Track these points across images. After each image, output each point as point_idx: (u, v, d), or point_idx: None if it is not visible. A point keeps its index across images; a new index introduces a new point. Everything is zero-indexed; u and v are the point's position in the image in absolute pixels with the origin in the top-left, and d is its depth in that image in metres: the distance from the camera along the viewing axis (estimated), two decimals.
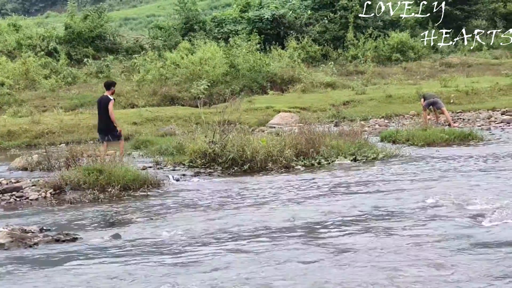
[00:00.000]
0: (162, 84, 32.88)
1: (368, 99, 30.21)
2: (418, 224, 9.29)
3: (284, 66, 36.40)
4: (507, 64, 41.31)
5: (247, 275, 7.27)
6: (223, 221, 10.05)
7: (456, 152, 17.00)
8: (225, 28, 46.59)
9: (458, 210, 10.03)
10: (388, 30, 46.15)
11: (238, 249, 8.43)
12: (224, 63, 34.54)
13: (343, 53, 43.95)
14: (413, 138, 19.03)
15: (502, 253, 7.71)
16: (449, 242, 8.26)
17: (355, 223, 9.54)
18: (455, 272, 7.11)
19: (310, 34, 44.99)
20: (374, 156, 16.26)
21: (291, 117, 25.90)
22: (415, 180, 13.05)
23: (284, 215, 10.27)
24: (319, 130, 17.16)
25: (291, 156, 15.41)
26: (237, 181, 13.87)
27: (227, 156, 14.98)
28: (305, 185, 12.97)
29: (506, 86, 31.93)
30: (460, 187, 12.00)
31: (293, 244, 8.49)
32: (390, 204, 10.76)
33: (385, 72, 39.54)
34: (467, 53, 45.18)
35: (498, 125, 23.68)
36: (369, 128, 23.41)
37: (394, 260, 7.59)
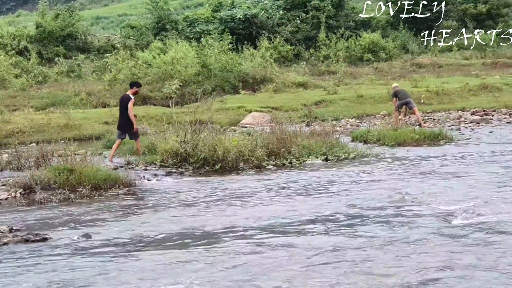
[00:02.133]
0: None
1: (339, 99, 30.33)
2: (384, 224, 9.36)
3: (256, 66, 36.42)
4: (477, 65, 41.71)
5: (217, 273, 7.30)
6: (194, 220, 10.06)
7: (426, 152, 17.12)
8: (197, 27, 46.57)
9: (426, 210, 10.12)
10: (359, 31, 46.37)
11: (206, 248, 8.43)
12: (196, 63, 34.51)
13: (315, 53, 44.09)
14: (384, 138, 19.14)
15: (472, 251, 7.79)
16: (413, 242, 8.33)
17: (318, 223, 9.60)
18: (420, 272, 7.17)
19: (282, 34, 45.09)
20: (345, 156, 16.33)
21: (262, 117, 25.93)
22: (385, 180, 13.14)
23: (251, 215, 10.30)
24: (290, 130, 17.20)
25: (262, 156, 15.44)
26: (208, 180, 13.89)
27: (198, 155, 14.98)
28: (274, 185, 12.99)
29: (476, 86, 32.21)
30: (429, 187, 12.10)
31: (253, 245, 8.53)
32: (357, 203, 10.82)
33: (357, 72, 39.74)
34: (437, 53, 45.51)
35: (467, 125, 23.88)
36: (341, 128, 23.49)
37: (355, 260, 7.64)
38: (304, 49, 44.69)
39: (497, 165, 14.47)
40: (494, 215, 9.51)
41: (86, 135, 23.10)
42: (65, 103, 30.27)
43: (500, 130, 21.90)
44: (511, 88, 32.32)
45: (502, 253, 7.69)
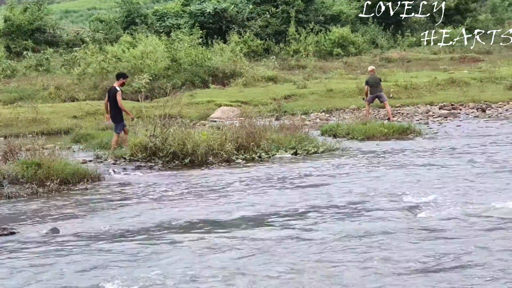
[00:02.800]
0: (103, 78, 32.52)
1: (309, 93, 30.38)
2: (351, 217, 9.44)
3: (226, 60, 36.36)
4: (445, 60, 42.01)
5: (186, 266, 7.32)
6: (163, 214, 10.08)
7: (394, 146, 17.25)
8: (167, 22, 46.41)
9: (394, 203, 10.20)
10: (329, 25, 46.49)
11: (176, 241, 8.45)
12: (166, 57, 34.36)
13: (285, 47, 44.15)
14: (353, 132, 19.24)
15: (436, 244, 7.87)
16: (381, 235, 8.40)
17: (286, 216, 9.65)
18: (385, 265, 7.23)
19: (252, 29, 45.09)
20: (315, 150, 16.40)
21: (232, 111, 25.93)
22: (353, 173, 13.23)
23: (218, 208, 10.33)
24: (260, 124, 17.23)
25: (231, 150, 15.45)
26: (177, 174, 13.89)
27: (168, 149, 14.97)
28: (244, 179, 13.03)
29: (444, 81, 32.44)
30: (397, 180, 12.21)
31: (219, 238, 8.57)
32: (325, 197, 10.90)
33: (326, 67, 39.81)
34: (406, 48, 45.77)
35: (435, 119, 24.07)
36: (310, 122, 23.57)
37: (318, 252, 7.69)
38: (274, 44, 44.72)
39: (464, 159, 14.61)
40: (461, 208, 9.61)
41: (54, 129, 22.89)
42: (34, 97, 30.01)
43: (467, 124, 22.09)
44: (478, 82, 32.58)
45: (468, 246, 7.77)
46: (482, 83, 32.36)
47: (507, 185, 11.38)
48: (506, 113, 24.75)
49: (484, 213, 9.29)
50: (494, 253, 7.44)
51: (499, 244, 7.80)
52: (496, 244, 7.78)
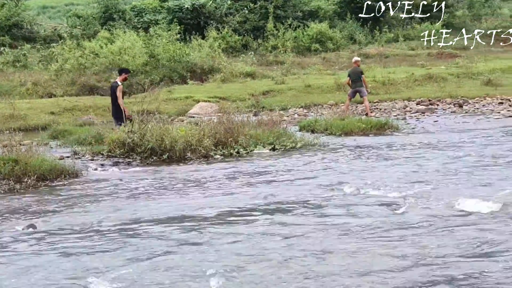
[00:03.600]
0: (81, 74, 32.44)
1: (287, 89, 30.43)
2: (329, 212, 9.48)
3: (204, 56, 36.35)
4: (422, 55, 42.23)
5: (165, 262, 7.33)
6: (140, 209, 10.07)
7: (372, 141, 17.32)
8: (145, 17, 46.31)
9: (372, 198, 10.26)
10: (307, 21, 46.56)
11: (155, 236, 8.46)
12: (144, 53, 34.30)
13: (263, 43, 44.17)
14: (331, 127, 19.29)
15: (415, 239, 7.92)
16: (359, 230, 8.44)
17: (264, 211, 9.66)
18: (362, 261, 7.28)
19: (230, 24, 45.08)
20: (293, 145, 16.44)
21: (210, 107, 25.92)
22: (332, 168, 13.29)
23: (196, 204, 10.34)
24: (238, 120, 17.24)
25: (210, 145, 15.45)
26: (155, 170, 13.88)
27: (146, 145, 14.95)
28: (222, 175, 13.05)
29: (421, 76, 32.62)
30: (375, 175, 12.26)
31: (197, 234, 8.58)
32: (303, 192, 10.93)
33: (305, 62, 39.90)
34: (384, 44, 45.94)
35: (413, 114, 24.19)
36: (288, 118, 23.61)
37: (292, 248, 7.73)
38: (252, 39, 44.74)
39: (442, 154, 14.70)
40: (438, 203, 9.67)
41: (32, 126, 22.77)
42: (11, 93, 29.83)
43: (444, 120, 22.21)
44: (455, 78, 32.78)
45: (445, 240, 7.83)
46: (459, 79, 32.56)
47: (483, 180, 11.46)
48: (483, 109, 24.89)
49: (460, 207, 9.36)
50: (469, 248, 7.51)
51: (473, 238, 7.87)
52: (471, 239, 7.84)
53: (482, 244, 7.64)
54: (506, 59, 39.69)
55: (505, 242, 7.63)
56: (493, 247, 7.52)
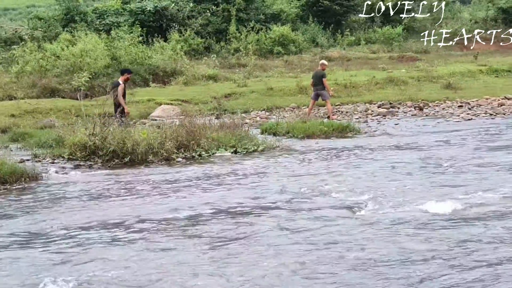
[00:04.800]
0: (42, 76, 32.16)
1: (249, 92, 30.46)
2: (289, 215, 9.53)
3: (166, 59, 36.24)
4: (384, 58, 42.55)
5: (124, 265, 7.33)
6: (101, 213, 10.04)
7: (334, 144, 17.44)
8: (107, 19, 45.94)
9: (332, 201, 10.34)
10: (270, 24, 46.66)
11: (114, 240, 8.45)
12: (105, 55, 34.12)
13: (226, 46, 44.15)
14: (293, 130, 19.39)
15: (376, 241, 8.01)
16: (320, 233, 8.51)
17: (224, 214, 9.70)
18: (323, 263, 7.34)
19: (192, 27, 44.95)
20: (255, 148, 16.50)
21: (172, 109, 25.87)
22: (293, 171, 13.35)
23: (155, 207, 10.34)
24: (200, 123, 17.27)
25: (172, 148, 15.46)
26: (116, 173, 13.85)
27: (107, 148, 14.91)
28: (183, 177, 13.06)
29: (383, 79, 32.86)
30: (336, 178, 12.36)
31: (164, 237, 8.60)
32: (263, 195, 10.99)
33: (267, 65, 39.95)
34: (346, 47, 46.20)
35: (374, 117, 24.40)
36: (250, 121, 23.66)
37: (252, 252, 7.77)
38: (214, 42, 44.70)
39: (402, 157, 14.87)
40: (399, 205, 9.78)
41: None
42: None
43: (405, 123, 22.44)
44: (416, 81, 33.08)
45: (406, 243, 7.92)
46: (420, 82, 32.89)
47: (442, 182, 11.62)
48: (443, 112, 25.19)
49: (421, 210, 9.47)
50: (429, 250, 7.60)
51: (433, 240, 7.97)
52: (430, 241, 7.95)
53: (436, 247, 7.76)
54: (466, 62, 40.14)
55: (461, 245, 7.74)
56: (448, 251, 7.63)
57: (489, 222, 8.78)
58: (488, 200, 9.97)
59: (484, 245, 7.75)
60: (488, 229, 8.40)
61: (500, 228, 8.48)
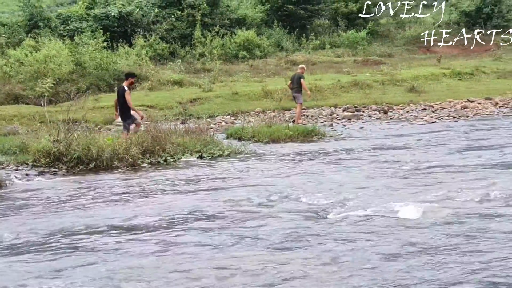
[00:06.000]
0: (5, 82, 31.93)
1: (214, 97, 30.49)
2: (254, 220, 9.54)
3: (131, 64, 36.13)
4: (348, 62, 42.80)
5: (87, 273, 7.31)
6: (64, 220, 9.98)
7: (299, 148, 17.51)
8: (71, 25, 45.67)
9: (299, 205, 10.37)
10: (234, 29, 46.72)
11: (79, 247, 8.41)
12: (70, 61, 33.96)
13: (191, 51, 44.10)
14: (259, 135, 19.44)
15: (343, 247, 8.04)
16: (288, 237, 8.54)
17: (189, 221, 9.66)
18: (293, 267, 7.36)
19: (157, 32, 44.87)
20: (220, 153, 16.53)
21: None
22: (257, 176, 13.38)
23: (118, 214, 10.30)
24: (165, 128, 17.27)
25: (137, 154, 15.43)
26: (81, 179, 13.77)
27: (72, 155, 14.83)
28: (147, 184, 13.02)
29: (347, 83, 33.10)
30: (302, 182, 12.40)
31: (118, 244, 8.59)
32: (228, 200, 10.97)
33: (232, 70, 40.00)
34: (311, 51, 46.38)
35: (339, 121, 24.58)
36: (216, 126, 23.69)
37: (220, 258, 7.78)
38: (179, 47, 44.62)
39: (367, 160, 14.96)
40: (364, 209, 9.82)
41: None
42: None
43: (370, 126, 22.61)
44: (380, 85, 33.38)
45: (372, 247, 7.97)
46: (384, 86, 33.20)
47: (408, 185, 11.70)
48: (407, 115, 25.43)
49: (387, 214, 9.53)
50: (396, 254, 7.66)
51: (400, 245, 8.03)
52: (397, 245, 8.01)
53: (400, 251, 7.82)
54: (429, 66, 40.54)
55: (427, 250, 7.80)
56: (413, 254, 7.69)
57: (449, 225, 8.85)
58: (450, 203, 10.05)
59: (446, 248, 7.82)
60: (450, 232, 8.48)
61: (464, 230, 8.56)
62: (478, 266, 7.05)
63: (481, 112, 25.38)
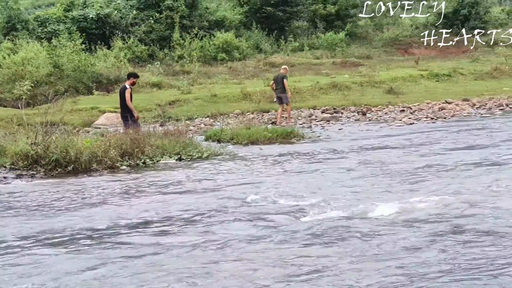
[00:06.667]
0: None
1: (193, 99, 30.49)
2: (232, 221, 9.55)
3: (109, 66, 36.10)
4: (327, 64, 42.94)
5: (64, 277, 7.30)
6: (42, 223, 9.94)
7: (278, 150, 17.52)
8: (49, 27, 45.53)
9: (275, 206, 10.38)
10: (213, 31, 46.73)
11: (54, 252, 8.38)
12: (48, 63, 33.85)
13: (170, 53, 44.08)
14: (237, 136, 19.44)
15: (319, 248, 8.07)
16: (264, 239, 8.56)
17: (164, 224, 9.64)
18: (267, 270, 7.38)
19: (136, 34, 44.83)
20: (199, 155, 16.50)
21: (116, 117, 25.69)
22: (235, 178, 13.39)
23: (100, 216, 10.27)
24: (144, 130, 17.25)
25: (116, 156, 15.37)
26: (58, 182, 13.69)
27: (50, 157, 14.75)
28: (126, 186, 13.00)
29: (326, 85, 33.22)
30: (279, 184, 12.42)
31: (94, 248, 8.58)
32: (207, 202, 10.97)
33: (211, 72, 40.05)
34: (289, 53, 46.49)
35: (318, 123, 24.65)
36: (195, 128, 23.69)
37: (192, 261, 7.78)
38: (158, 49, 44.60)
39: (345, 162, 15.02)
40: (342, 211, 9.85)
41: None
42: None
43: (349, 128, 22.69)
44: (359, 86, 33.55)
45: (349, 250, 7.99)
46: (362, 87, 33.37)
47: (386, 187, 11.75)
48: (385, 116, 25.55)
49: (363, 215, 9.57)
50: (372, 256, 7.69)
51: (377, 246, 8.06)
52: (374, 247, 8.04)
53: (377, 252, 7.86)
54: (407, 67, 40.77)
55: (402, 251, 7.84)
56: (389, 255, 7.73)
57: (422, 225, 8.90)
58: (426, 204, 10.11)
59: (421, 250, 7.87)
60: (421, 233, 8.53)
61: (437, 230, 8.62)
62: (451, 266, 7.10)
63: (459, 113, 25.54)
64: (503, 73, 39.03)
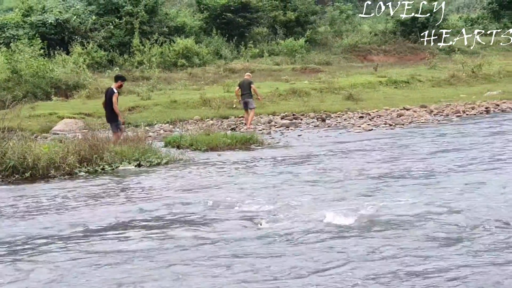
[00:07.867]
0: None
1: (153, 105, 30.42)
2: (189, 228, 9.57)
3: (68, 72, 35.86)
4: (287, 70, 43.09)
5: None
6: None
7: (236, 156, 17.57)
8: (7, 32, 45.04)
9: (234, 213, 10.42)
10: (173, 36, 46.64)
11: (16, 260, 8.35)
12: (6, 69, 33.58)
13: (129, 58, 43.87)
14: (197, 143, 19.43)
15: (275, 256, 8.12)
16: (224, 246, 8.59)
17: (123, 230, 9.65)
18: (230, 276, 7.42)
19: (95, 40, 44.54)
20: (158, 161, 16.47)
21: (75, 123, 25.62)
22: (192, 184, 13.40)
23: (55, 223, 10.22)
24: (103, 136, 17.17)
25: (74, 162, 15.28)
26: (15, 189, 13.58)
27: (7, 163, 14.64)
28: (83, 193, 12.92)
29: (286, 91, 33.36)
30: (237, 190, 12.46)
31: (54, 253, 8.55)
32: (165, 207, 10.99)
33: (171, 78, 39.97)
34: (249, 59, 46.57)
35: (278, 129, 24.70)
36: (154, 134, 23.63)
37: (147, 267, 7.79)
38: (118, 55, 44.37)
39: (304, 168, 15.09)
40: (301, 217, 9.90)
41: None
42: None
43: (308, 134, 22.77)
44: (318, 92, 33.72)
45: (306, 258, 8.05)
46: (322, 93, 33.56)
47: (343, 193, 11.85)
48: (344, 123, 25.69)
49: (322, 221, 9.62)
50: (334, 262, 7.76)
51: (339, 251, 8.14)
52: (336, 252, 8.11)
53: (333, 257, 7.93)
54: (366, 74, 41.10)
55: (360, 258, 7.92)
56: (348, 261, 7.81)
57: (377, 231, 9.00)
58: (385, 210, 10.22)
59: (384, 257, 7.96)
60: (380, 240, 8.63)
61: (401, 237, 8.72)
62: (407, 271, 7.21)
63: (417, 119, 25.77)
64: (460, 80, 39.52)
